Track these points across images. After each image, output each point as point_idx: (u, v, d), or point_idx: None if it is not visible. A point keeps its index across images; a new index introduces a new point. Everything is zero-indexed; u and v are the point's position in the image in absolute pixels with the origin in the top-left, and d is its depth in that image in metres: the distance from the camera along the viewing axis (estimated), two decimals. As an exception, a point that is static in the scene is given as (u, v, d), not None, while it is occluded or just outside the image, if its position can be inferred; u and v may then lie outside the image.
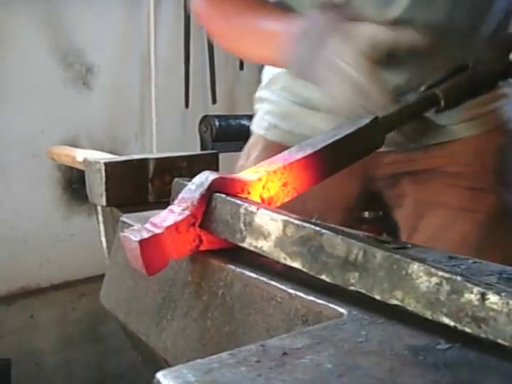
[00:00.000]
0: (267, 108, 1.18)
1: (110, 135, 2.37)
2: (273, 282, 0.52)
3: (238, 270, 0.57)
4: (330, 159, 0.71)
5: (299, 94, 1.09)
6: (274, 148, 1.09)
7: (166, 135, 2.48)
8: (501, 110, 1.06)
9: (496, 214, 1.02)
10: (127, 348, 2.56)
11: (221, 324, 0.57)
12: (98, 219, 1.13)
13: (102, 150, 2.37)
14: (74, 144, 2.29)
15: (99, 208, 1.08)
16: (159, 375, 0.35)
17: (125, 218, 0.85)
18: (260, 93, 1.21)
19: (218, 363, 0.36)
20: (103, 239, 1.11)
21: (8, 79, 2.13)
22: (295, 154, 0.69)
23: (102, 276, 2.50)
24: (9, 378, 2.08)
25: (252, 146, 1.20)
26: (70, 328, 2.36)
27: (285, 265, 0.54)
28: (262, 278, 0.54)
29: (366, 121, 0.75)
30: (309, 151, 0.69)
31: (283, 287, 0.51)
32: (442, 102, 0.81)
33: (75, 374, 2.38)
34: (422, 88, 0.83)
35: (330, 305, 0.47)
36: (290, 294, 0.50)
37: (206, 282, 0.61)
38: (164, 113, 2.48)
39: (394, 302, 0.44)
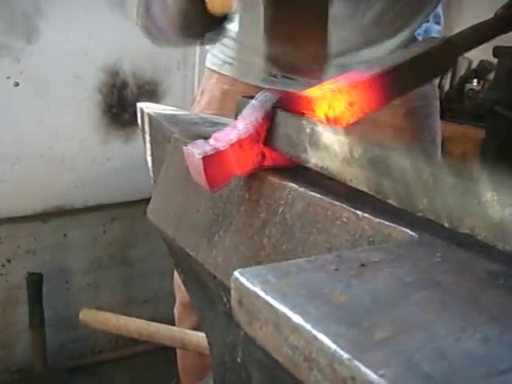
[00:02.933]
0: (220, 48, 1.28)
1: (152, 62, 2.35)
2: (338, 202, 0.51)
3: (301, 188, 0.56)
4: (399, 80, 0.69)
5: (249, 42, 1.19)
6: (226, 81, 1.25)
7: (208, 66, 2.45)
8: None
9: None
10: (153, 274, 2.61)
11: (278, 242, 0.57)
12: (144, 138, 1.12)
13: (143, 77, 2.37)
14: (116, 68, 2.28)
15: (147, 126, 1.08)
16: (236, 273, 0.35)
17: (177, 134, 0.84)
18: None
19: (296, 267, 0.35)
20: (149, 158, 1.11)
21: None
22: (363, 73, 0.67)
23: (135, 202, 2.51)
24: (40, 292, 2.13)
25: (206, 81, 1.32)
26: (100, 250, 2.40)
27: (349, 187, 0.53)
28: (326, 198, 0.53)
29: (438, 42, 0.73)
30: (377, 71, 0.68)
31: (350, 207, 0.50)
32: None
33: (101, 295, 2.44)
34: (499, 10, 0.80)
35: (400, 227, 0.46)
36: (357, 214, 0.49)
37: (264, 199, 0.60)
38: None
39: (464, 230, 0.43)
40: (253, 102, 0.64)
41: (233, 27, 1.25)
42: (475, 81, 2.67)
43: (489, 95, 2.00)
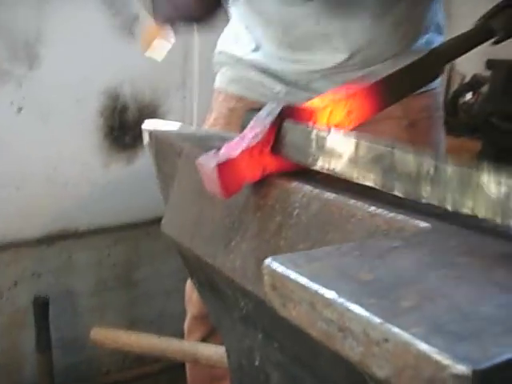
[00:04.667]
0: (227, 67, 1.35)
1: (151, 85, 2.39)
2: (352, 201, 0.55)
3: (316, 190, 0.59)
4: (391, 88, 0.75)
5: (259, 64, 1.26)
6: (233, 99, 1.31)
7: (207, 87, 2.49)
8: None
9: None
10: (158, 295, 2.61)
11: (295, 242, 0.60)
12: (152, 155, 1.15)
13: (143, 100, 2.41)
14: (117, 92, 2.32)
15: (153, 143, 1.11)
16: (267, 261, 0.38)
17: (188, 148, 0.87)
18: (220, 58, 1.38)
19: (324, 254, 0.38)
20: (157, 175, 1.14)
21: (55, 24, 2.15)
22: (358, 84, 0.72)
23: (137, 224, 2.52)
24: (47, 315, 2.14)
25: (214, 101, 1.38)
26: (105, 272, 2.42)
27: (360, 186, 0.56)
28: (340, 198, 0.56)
29: (423, 53, 0.79)
30: (371, 81, 0.72)
31: (363, 205, 0.53)
32: (499, 34, 0.85)
33: (107, 317, 2.45)
34: (478, 21, 0.87)
35: (413, 220, 0.49)
36: (371, 211, 0.52)
37: (280, 204, 0.63)
38: (207, 65, 2.48)
39: (465, 210, 0.46)
40: (259, 113, 0.68)
41: (239, 47, 1.30)
42: (468, 94, 2.71)
43: (483, 107, 2.04)
